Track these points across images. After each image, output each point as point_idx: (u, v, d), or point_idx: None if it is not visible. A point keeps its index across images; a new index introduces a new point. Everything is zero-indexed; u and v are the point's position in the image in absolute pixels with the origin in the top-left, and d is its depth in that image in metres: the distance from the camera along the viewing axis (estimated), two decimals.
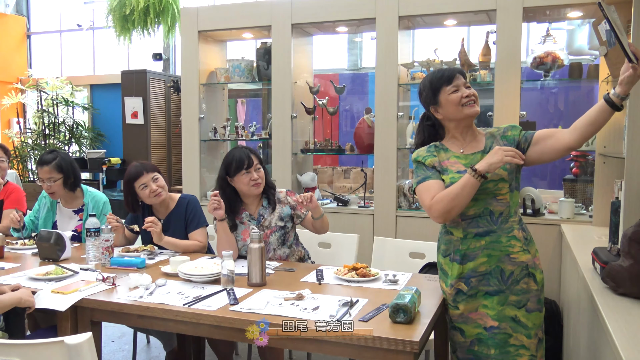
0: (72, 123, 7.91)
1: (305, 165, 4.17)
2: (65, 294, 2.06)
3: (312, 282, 2.25)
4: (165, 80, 7.30)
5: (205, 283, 2.21)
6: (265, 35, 4.16)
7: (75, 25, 8.62)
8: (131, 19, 6.04)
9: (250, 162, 2.60)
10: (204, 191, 4.16)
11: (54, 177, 2.99)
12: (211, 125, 4.19)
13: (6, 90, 8.47)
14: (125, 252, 2.72)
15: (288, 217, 2.70)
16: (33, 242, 2.92)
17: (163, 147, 7.29)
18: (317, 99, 3.98)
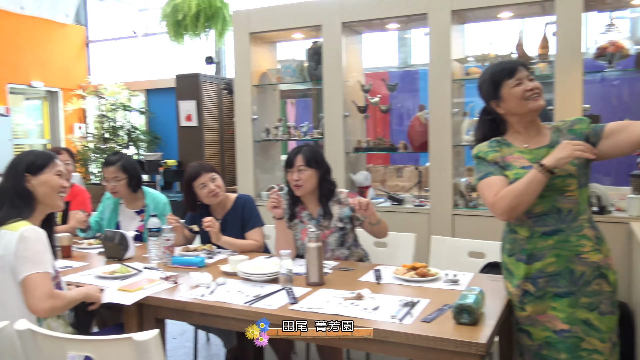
0: (130, 127, 8.18)
1: (358, 164, 4.14)
2: (131, 291, 2.12)
3: (370, 281, 2.23)
4: (218, 83, 7.44)
5: (264, 282, 2.22)
6: (315, 35, 4.16)
7: (131, 32, 8.92)
8: (183, 24, 6.18)
9: (292, 163, 2.63)
10: (258, 191, 4.20)
11: (119, 177, 3.09)
12: (264, 126, 4.23)
13: (68, 97, 8.86)
14: (185, 251, 2.78)
15: (347, 219, 2.69)
16: (98, 242, 3.03)
17: (216, 148, 7.44)
18: (369, 97, 3.95)
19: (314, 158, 2.65)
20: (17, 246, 1.85)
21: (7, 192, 2.00)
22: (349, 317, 1.77)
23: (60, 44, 8.87)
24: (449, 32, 3.45)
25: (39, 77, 8.53)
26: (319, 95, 6.09)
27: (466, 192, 3.54)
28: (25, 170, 2.02)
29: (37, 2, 8.44)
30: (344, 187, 3.47)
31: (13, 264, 1.86)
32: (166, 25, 6.46)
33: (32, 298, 1.83)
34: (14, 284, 1.87)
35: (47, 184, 2.03)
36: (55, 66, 8.76)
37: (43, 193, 2.03)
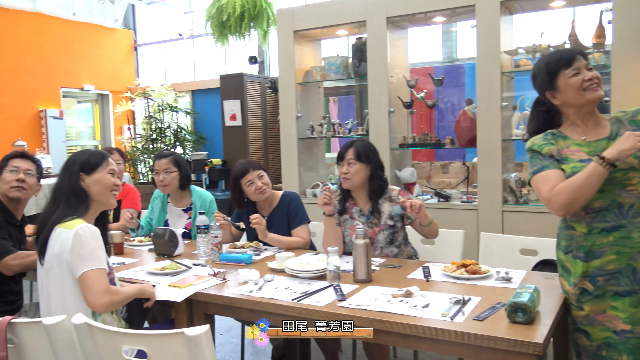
0: (176, 127, 8.37)
1: (404, 160, 4.10)
2: (181, 287, 2.16)
3: (419, 278, 2.19)
4: (261, 82, 7.51)
5: (311, 279, 2.22)
6: (360, 31, 4.13)
7: (177, 34, 9.11)
8: (228, 25, 6.27)
9: (343, 155, 2.61)
10: (303, 189, 4.21)
11: (170, 169, 3.15)
12: (308, 124, 4.23)
13: (118, 99, 9.14)
14: (232, 248, 2.81)
15: (398, 217, 2.65)
16: (148, 239, 3.10)
17: (260, 146, 7.51)
18: (414, 92, 3.89)
19: (365, 153, 2.62)
20: (73, 243, 1.90)
21: (63, 191, 2.05)
22: (398, 314, 1.74)
23: (110, 48, 9.16)
24: (498, 23, 3.36)
25: (90, 81, 8.83)
26: (362, 92, 6.07)
27: (516, 187, 3.44)
28: (79, 170, 2.07)
29: (88, 8, 8.74)
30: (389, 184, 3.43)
31: (69, 261, 1.91)
32: (211, 26, 6.57)
33: (90, 294, 1.88)
34: (71, 280, 1.93)
35: (100, 183, 2.08)
36: (105, 70, 9.05)
37: (97, 191, 2.08)
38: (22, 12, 7.88)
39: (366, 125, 3.96)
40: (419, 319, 1.71)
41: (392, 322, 1.71)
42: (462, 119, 3.69)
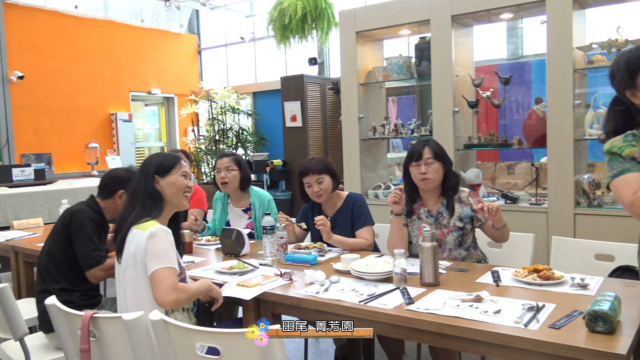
0: (238, 129, 8.56)
1: (468, 161, 4.00)
2: (249, 287, 2.20)
3: (488, 283, 2.13)
4: (322, 84, 7.56)
5: (377, 281, 2.21)
6: (423, 30, 4.08)
7: (239, 38, 9.32)
8: (290, 27, 6.34)
9: (420, 155, 2.54)
10: (365, 190, 4.20)
11: (232, 167, 3.23)
12: (370, 124, 4.22)
13: (183, 102, 9.45)
14: (296, 249, 2.84)
15: (468, 219, 2.60)
16: (215, 239, 3.19)
17: (320, 147, 7.55)
18: (480, 91, 3.80)
19: (440, 151, 2.59)
20: (147, 244, 1.97)
21: (139, 193, 2.13)
22: (469, 319, 1.71)
23: (175, 53, 9.49)
24: (570, 18, 3.22)
25: (157, 85, 9.19)
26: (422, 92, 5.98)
27: (589, 189, 3.29)
28: (154, 172, 2.15)
29: (155, 14, 9.09)
30: None
31: (144, 261, 1.99)
32: (273, 28, 6.67)
33: (158, 292, 1.95)
34: (145, 279, 2.00)
35: (173, 185, 2.15)
36: (171, 73, 9.39)
37: (170, 193, 2.15)
38: (95, 20, 8.30)
39: (430, 125, 3.90)
40: (490, 325, 1.67)
41: (463, 328, 1.68)
42: (531, 118, 3.57)
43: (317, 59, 7.95)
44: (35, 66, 7.57)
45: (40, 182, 5.97)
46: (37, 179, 6.12)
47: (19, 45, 7.43)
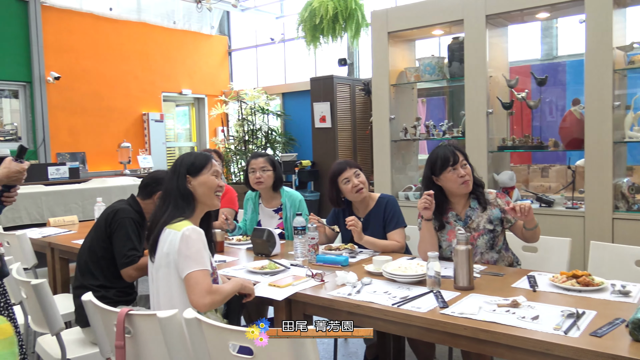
0: (267, 129, 8.60)
1: (502, 163, 3.93)
2: (281, 287, 2.20)
3: (524, 288, 2.08)
4: (351, 84, 7.54)
5: (410, 284, 2.18)
6: (456, 30, 4.02)
7: (269, 39, 9.37)
8: (320, 28, 6.34)
9: (456, 159, 2.49)
10: (395, 191, 4.16)
11: (267, 168, 3.25)
12: (401, 125, 4.18)
13: (213, 102, 9.55)
14: (327, 250, 2.82)
15: (498, 221, 2.54)
16: (246, 238, 3.20)
17: (349, 148, 7.54)
18: (515, 92, 3.73)
19: (465, 154, 2.56)
20: (180, 245, 1.99)
21: (171, 193, 2.15)
22: (506, 325, 1.67)
23: (206, 54, 9.59)
24: (610, 17, 3.13)
25: (188, 85, 9.30)
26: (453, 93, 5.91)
27: (629, 193, 3.19)
28: (186, 172, 2.16)
29: (187, 16, 9.20)
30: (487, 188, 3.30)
31: (177, 261, 2.00)
32: (303, 29, 6.69)
33: (193, 295, 1.96)
34: (177, 278, 2.02)
35: (205, 185, 2.16)
36: (201, 74, 9.50)
37: (202, 193, 2.15)
38: (128, 22, 8.45)
39: (462, 126, 3.84)
40: (528, 331, 1.63)
41: (500, 334, 1.64)
42: (567, 119, 3.48)
43: (346, 60, 7.94)
44: (71, 67, 7.74)
45: (74, 181, 6.10)
46: (71, 178, 6.25)
47: (56, 47, 7.61)
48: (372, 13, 4.24)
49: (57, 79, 7.48)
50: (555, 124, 5.44)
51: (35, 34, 7.35)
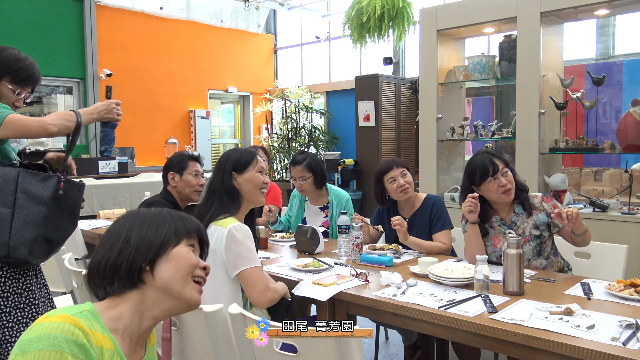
0: (311, 128, 8.62)
1: (554, 166, 3.80)
2: (325, 286, 2.18)
3: (578, 295, 2.00)
4: (396, 83, 7.46)
5: (456, 287, 2.13)
6: (504, 28, 3.91)
7: (314, 37, 9.38)
8: (367, 26, 6.30)
9: (496, 168, 2.40)
10: (440, 192, 4.09)
11: (305, 176, 3.23)
12: (448, 125, 4.10)
13: (258, 100, 9.64)
14: (371, 249, 2.79)
15: (544, 226, 2.45)
16: (289, 235, 3.20)
17: (393, 148, 7.46)
18: (569, 92, 3.59)
19: (505, 160, 2.48)
20: (227, 241, 1.99)
21: (217, 189, 2.16)
22: (559, 333, 1.60)
23: (252, 52, 9.69)
24: None
25: (234, 83, 9.41)
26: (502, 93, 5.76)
27: None
28: (231, 169, 2.16)
29: (235, 15, 9.32)
30: (537, 191, 3.20)
31: (224, 258, 2.01)
32: (349, 27, 6.66)
33: (254, 292, 1.98)
34: (224, 274, 2.03)
35: (251, 182, 2.16)
36: (247, 72, 9.60)
37: (247, 190, 2.16)
38: (178, 20, 8.62)
39: (512, 127, 3.73)
40: (583, 340, 1.56)
41: (553, 342, 1.57)
42: (625, 121, 3.33)
43: (392, 59, 7.86)
44: (122, 64, 7.96)
45: (123, 175, 6.27)
46: (120, 172, 6.43)
47: (109, 45, 7.84)
48: (422, 11, 4.17)
49: (109, 75, 7.70)
50: (611, 126, 5.22)
51: (90, 32, 7.59)
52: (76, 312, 1.04)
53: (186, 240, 1.24)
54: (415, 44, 7.43)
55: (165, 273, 1.17)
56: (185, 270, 1.20)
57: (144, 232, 1.19)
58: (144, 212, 1.24)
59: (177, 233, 1.23)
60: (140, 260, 1.16)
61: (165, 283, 1.17)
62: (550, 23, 3.68)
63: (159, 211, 1.26)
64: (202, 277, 1.25)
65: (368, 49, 7.26)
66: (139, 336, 1.16)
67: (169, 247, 1.20)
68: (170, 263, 1.19)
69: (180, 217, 1.27)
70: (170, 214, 1.26)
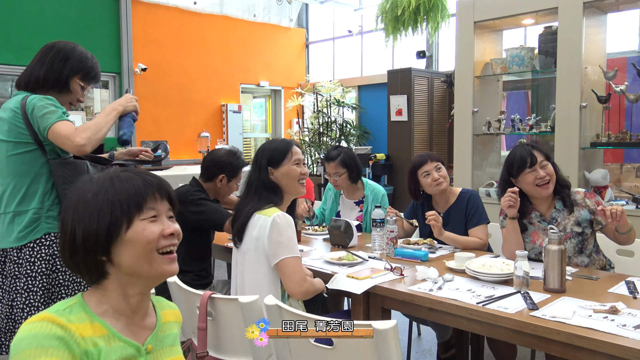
0: (342, 122, 8.58)
1: (594, 161, 3.69)
2: (359, 279, 2.16)
3: (623, 294, 1.93)
4: (429, 77, 7.36)
5: (495, 283, 2.08)
6: (542, 20, 3.80)
7: (346, 31, 9.33)
8: (402, 19, 6.22)
9: (534, 159, 2.35)
10: (475, 187, 4.02)
11: (340, 172, 3.21)
12: (484, 119, 4.02)
13: (289, 94, 9.65)
14: (405, 244, 2.76)
15: (587, 223, 2.37)
16: (323, 229, 3.19)
17: (425, 142, 7.37)
18: (613, 85, 3.47)
19: (547, 153, 2.42)
20: (271, 230, 2.00)
21: (254, 184, 2.18)
22: (605, 332, 1.55)
23: (284, 46, 9.69)
24: None
25: (266, 77, 9.44)
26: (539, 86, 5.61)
27: None
28: (267, 164, 2.17)
29: (267, 9, 9.34)
30: (577, 187, 3.11)
31: (266, 246, 2.02)
32: (383, 20, 6.59)
33: (291, 282, 1.98)
34: (265, 263, 2.04)
35: (287, 175, 2.17)
36: (279, 67, 9.61)
37: (285, 183, 2.17)
38: (211, 15, 8.69)
39: (552, 121, 3.63)
40: (631, 340, 1.50)
41: (598, 341, 1.52)
42: None
43: (425, 52, 7.76)
44: (156, 59, 8.07)
45: (157, 168, 6.36)
46: (154, 165, 6.53)
47: (144, 40, 7.96)
48: (458, 2, 4.09)
49: (143, 70, 7.82)
50: None
51: (125, 28, 7.71)
52: (58, 310, 1.05)
53: (140, 214, 1.11)
54: (448, 37, 7.31)
55: (124, 260, 1.09)
56: (145, 250, 1.10)
57: (87, 222, 1.07)
58: (83, 196, 1.10)
59: (125, 212, 1.09)
60: (92, 256, 1.08)
61: (129, 269, 1.10)
62: (592, 14, 3.56)
63: (97, 190, 1.10)
64: (169, 246, 1.13)
65: (401, 43, 7.18)
66: (133, 311, 1.14)
67: (120, 233, 1.08)
68: (126, 248, 1.09)
69: (124, 190, 1.10)
70: (112, 186, 1.10)
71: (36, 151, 2.04)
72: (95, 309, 1.09)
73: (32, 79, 2.08)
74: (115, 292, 1.12)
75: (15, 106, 2.02)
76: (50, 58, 2.09)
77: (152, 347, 1.15)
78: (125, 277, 1.11)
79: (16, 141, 2.02)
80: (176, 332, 1.26)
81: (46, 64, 2.08)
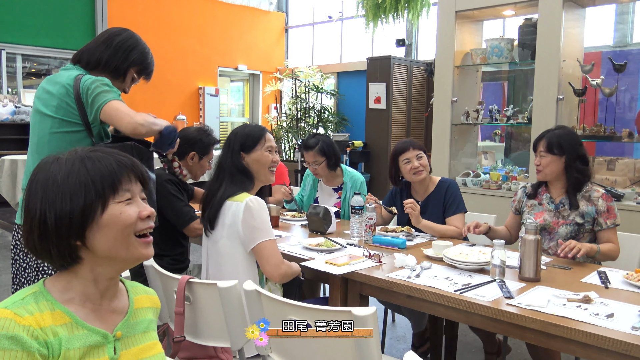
0: (320, 108, 8.56)
1: None
2: (338, 265, 2.16)
3: (595, 284, 1.98)
4: (408, 66, 7.38)
5: (471, 271, 2.11)
6: (526, 11, 3.83)
7: (326, 17, 9.27)
8: (383, 7, 6.20)
9: (535, 146, 2.52)
10: (452, 176, 4.05)
11: (318, 160, 3.20)
12: (463, 109, 4.05)
13: (267, 79, 9.58)
14: (383, 231, 2.77)
15: (590, 218, 2.43)
16: (301, 215, 3.18)
17: (403, 131, 7.41)
18: (589, 78, 3.52)
19: (558, 143, 2.44)
20: (245, 215, 1.98)
21: (226, 168, 2.14)
22: (578, 321, 1.58)
23: (263, 30, 9.60)
24: None
25: (244, 61, 9.35)
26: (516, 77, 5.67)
27: None
28: (239, 149, 2.14)
29: None
30: None
31: (240, 232, 2.00)
32: (364, 6, 6.56)
33: (268, 265, 1.97)
34: (241, 249, 2.02)
35: (259, 162, 2.15)
36: (257, 51, 9.52)
37: (256, 170, 2.15)
38: None
39: (529, 112, 3.68)
40: (603, 329, 1.54)
41: (572, 329, 1.55)
42: None
43: (405, 41, 7.76)
44: None
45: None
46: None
47: (119, 20, 7.78)
48: None
49: None
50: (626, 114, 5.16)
51: (101, 8, 7.52)
52: (15, 301, 0.99)
53: (115, 197, 1.06)
54: (428, 26, 7.32)
55: (100, 244, 1.04)
56: (123, 234, 1.06)
57: (59, 205, 1.01)
58: (52, 177, 1.03)
59: (99, 194, 1.03)
60: (65, 240, 1.02)
61: (105, 253, 1.05)
62: (571, 7, 3.60)
63: (67, 171, 1.03)
64: (146, 229, 1.09)
65: (381, 30, 7.16)
66: (101, 296, 1.10)
67: (94, 216, 1.03)
68: (102, 232, 1.04)
69: (97, 171, 1.05)
70: (84, 167, 1.04)
71: (82, 132, 2.00)
72: (59, 296, 1.04)
73: (94, 58, 2.10)
74: (85, 278, 1.07)
75: (67, 82, 1.98)
76: (117, 43, 2.11)
77: (122, 333, 1.11)
78: (99, 261, 1.07)
79: (63, 119, 1.98)
80: (150, 317, 1.21)
81: (112, 48, 2.10)
